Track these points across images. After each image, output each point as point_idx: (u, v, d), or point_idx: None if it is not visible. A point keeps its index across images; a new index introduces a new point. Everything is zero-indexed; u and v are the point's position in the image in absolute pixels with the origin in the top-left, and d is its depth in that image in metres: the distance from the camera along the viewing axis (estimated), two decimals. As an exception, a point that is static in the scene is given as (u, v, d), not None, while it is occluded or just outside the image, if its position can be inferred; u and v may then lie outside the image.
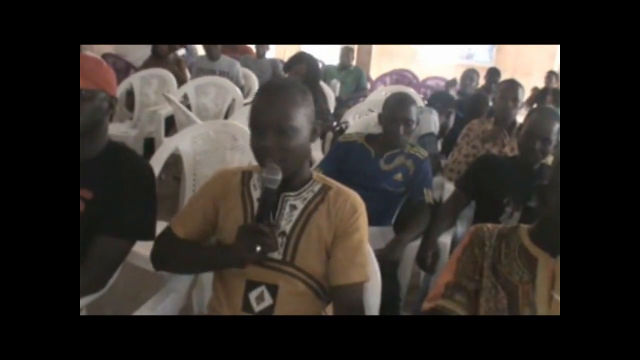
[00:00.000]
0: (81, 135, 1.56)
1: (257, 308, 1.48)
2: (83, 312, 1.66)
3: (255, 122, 1.44)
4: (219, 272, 1.57)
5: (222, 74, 5.30)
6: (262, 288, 1.48)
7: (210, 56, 5.51)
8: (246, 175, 1.58)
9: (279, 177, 1.39)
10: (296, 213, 1.50)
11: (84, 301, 1.57)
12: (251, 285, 1.49)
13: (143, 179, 1.63)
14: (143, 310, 1.57)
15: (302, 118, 1.44)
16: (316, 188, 1.53)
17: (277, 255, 1.47)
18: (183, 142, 2.72)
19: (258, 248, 1.37)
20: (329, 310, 1.57)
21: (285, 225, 1.49)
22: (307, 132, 1.47)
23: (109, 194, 1.57)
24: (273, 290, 1.48)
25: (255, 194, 1.53)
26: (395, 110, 2.56)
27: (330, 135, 3.93)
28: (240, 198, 1.54)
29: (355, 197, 1.52)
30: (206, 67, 5.47)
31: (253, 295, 1.48)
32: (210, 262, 1.54)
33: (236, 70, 5.45)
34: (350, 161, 2.56)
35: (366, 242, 1.53)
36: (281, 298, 1.47)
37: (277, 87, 1.48)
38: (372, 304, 1.61)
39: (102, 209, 1.56)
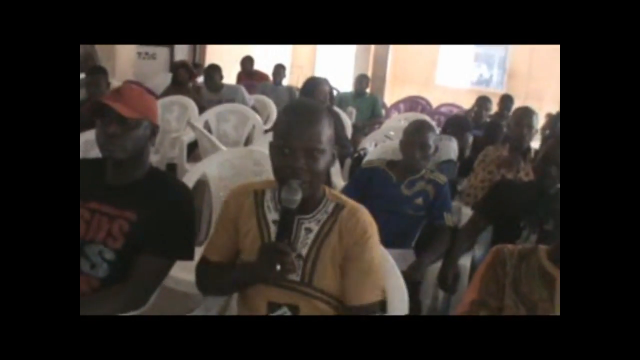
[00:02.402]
0: (126, 160, 1.68)
1: None
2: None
3: (285, 142, 1.46)
4: (242, 294, 1.63)
5: (228, 101, 5.38)
6: (284, 309, 1.53)
7: (212, 89, 5.60)
8: (259, 195, 1.61)
9: (299, 197, 1.42)
10: (311, 236, 1.53)
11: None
12: (273, 306, 1.54)
13: (183, 202, 1.73)
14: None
15: (327, 141, 1.48)
16: (330, 208, 1.55)
17: (295, 277, 1.50)
18: (210, 168, 2.80)
19: (278, 267, 1.41)
20: None
21: (302, 248, 1.52)
22: (329, 156, 1.50)
23: (151, 215, 1.66)
24: (294, 310, 1.52)
25: (270, 215, 1.57)
26: (413, 135, 2.69)
27: (348, 161, 4.00)
28: (255, 220, 1.58)
29: (366, 218, 1.54)
30: (212, 98, 5.53)
31: None
32: (238, 281, 1.60)
33: (240, 95, 5.53)
34: (373, 186, 2.65)
35: (379, 262, 1.55)
36: None
37: (308, 109, 1.52)
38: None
39: (145, 230, 1.65)
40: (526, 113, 3.26)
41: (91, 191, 1.69)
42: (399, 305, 1.65)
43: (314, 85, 3.98)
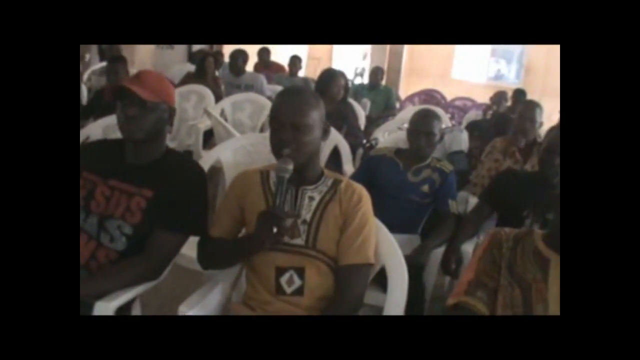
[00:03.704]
0: (144, 141, 1.78)
1: (289, 290, 1.68)
2: (136, 300, 1.84)
3: (275, 119, 1.67)
4: (250, 264, 1.76)
5: (247, 87, 5.65)
6: (291, 272, 1.69)
7: (235, 72, 5.90)
8: (264, 174, 1.79)
9: (291, 167, 1.61)
10: (314, 203, 1.71)
11: (140, 288, 1.75)
12: (280, 270, 1.69)
13: (197, 181, 1.83)
14: (193, 299, 1.75)
15: (314, 117, 1.67)
16: (329, 182, 1.75)
17: (300, 241, 1.68)
18: (225, 154, 2.89)
19: (275, 230, 1.57)
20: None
21: (306, 214, 1.70)
22: (318, 131, 1.70)
23: (167, 193, 1.76)
24: (300, 272, 1.68)
25: (275, 189, 1.70)
26: (418, 123, 2.76)
27: (360, 151, 4.07)
28: (262, 194, 1.75)
29: (361, 190, 1.74)
30: (233, 81, 5.86)
31: (284, 279, 1.69)
32: (239, 250, 1.74)
33: (260, 83, 5.81)
34: (380, 173, 2.73)
35: (369, 230, 1.71)
36: (308, 279, 1.68)
37: (295, 91, 1.78)
38: (398, 299, 1.76)
39: (160, 206, 1.75)
40: (529, 107, 3.35)
41: (112, 170, 1.80)
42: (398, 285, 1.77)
43: (329, 77, 4.04)
